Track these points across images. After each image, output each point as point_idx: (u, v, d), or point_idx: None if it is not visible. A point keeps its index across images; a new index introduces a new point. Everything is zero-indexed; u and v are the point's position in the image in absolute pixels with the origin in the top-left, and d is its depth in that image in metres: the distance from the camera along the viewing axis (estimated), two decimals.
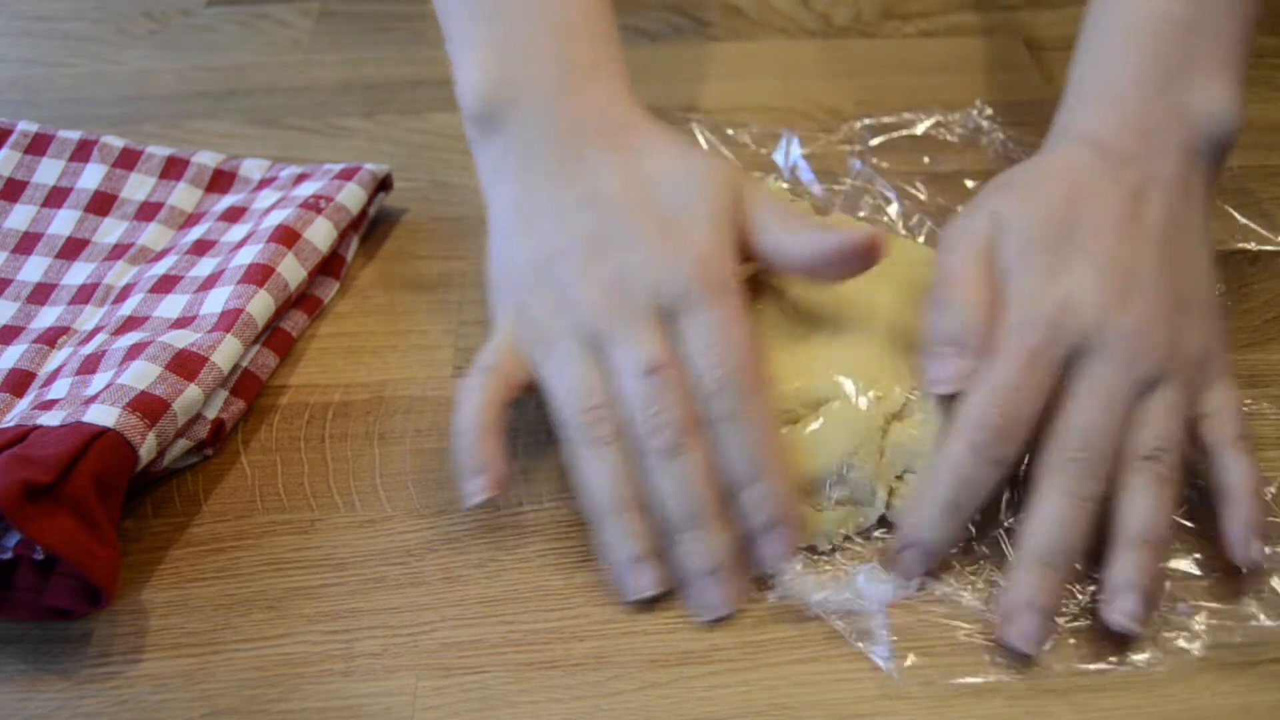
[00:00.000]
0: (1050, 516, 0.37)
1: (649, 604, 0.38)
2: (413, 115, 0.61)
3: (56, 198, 0.51)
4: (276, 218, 0.48)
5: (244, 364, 0.45)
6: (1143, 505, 0.37)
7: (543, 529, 0.41)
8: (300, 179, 0.52)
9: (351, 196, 0.50)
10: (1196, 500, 0.40)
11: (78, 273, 0.49)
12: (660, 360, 0.38)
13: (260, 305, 0.45)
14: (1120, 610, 0.36)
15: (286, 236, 0.47)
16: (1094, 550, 0.38)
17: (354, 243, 0.52)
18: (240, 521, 0.41)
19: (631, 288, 0.39)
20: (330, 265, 0.50)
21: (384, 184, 0.53)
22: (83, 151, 0.52)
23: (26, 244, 0.50)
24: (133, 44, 0.67)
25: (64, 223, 0.50)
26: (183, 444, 0.42)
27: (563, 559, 0.40)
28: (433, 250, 0.53)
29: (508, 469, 0.39)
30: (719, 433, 0.38)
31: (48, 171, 0.52)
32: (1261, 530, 0.38)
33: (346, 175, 0.51)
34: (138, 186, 0.52)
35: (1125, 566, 0.37)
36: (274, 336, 0.47)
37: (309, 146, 0.59)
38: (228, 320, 0.44)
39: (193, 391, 0.41)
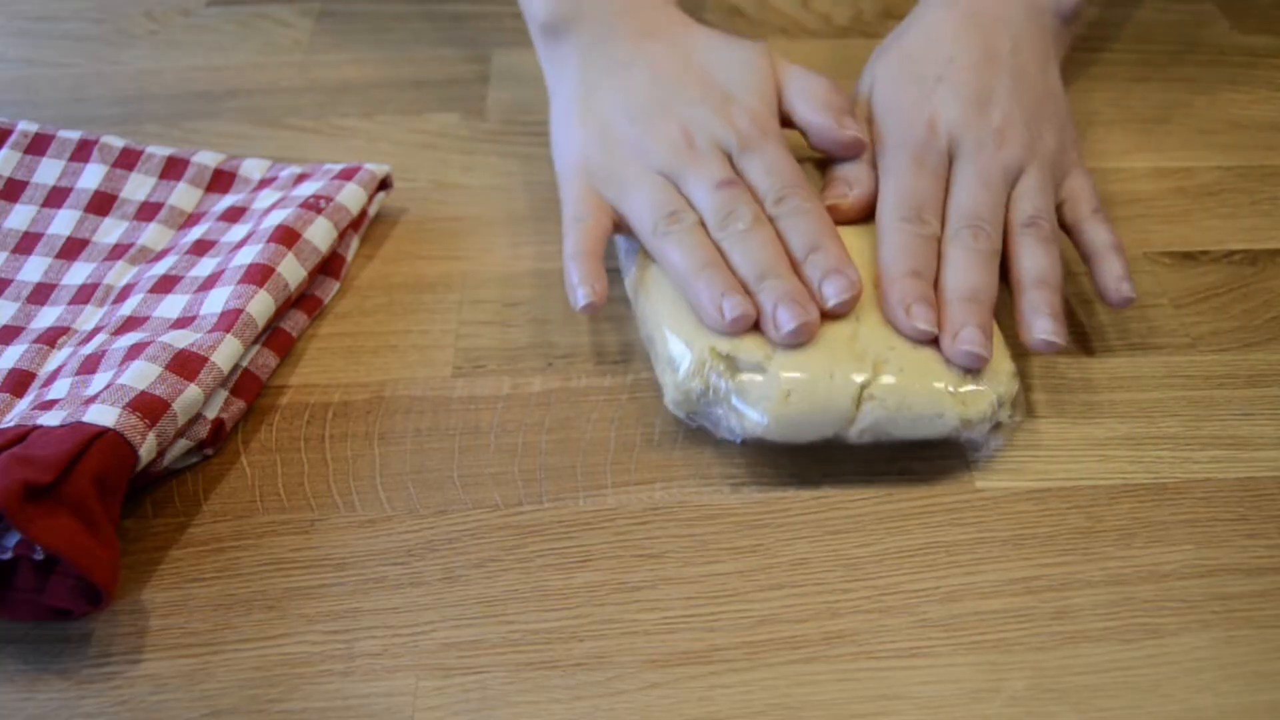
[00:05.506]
0: (960, 266, 0.43)
1: (649, 604, 0.38)
2: (413, 115, 0.61)
3: (56, 198, 0.51)
4: (276, 218, 0.48)
5: (244, 364, 0.45)
6: (1032, 257, 0.44)
7: (543, 529, 0.41)
8: (300, 179, 0.52)
9: (351, 196, 0.50)
10: None
11: (78, 273, 0.49)
12: (730, 178, 0.45)
13: (260, 305, 0.45)
14: (1041, 329, 0.42)
15: (286, 236, 0.47)
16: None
17: (354, 243, 0.52)
18: (240, 521, 0.42)
19: (696, 135, 0.46)
20: (330, 265, 0.50)
21: (384, 184, 0.53)
22: (83, 151, 0.52)
23: (26, 244, 0.50)
24: (133, 44, 0.67)
25: (64, 223, 0.50)
26: (183, 444, 0.42)
27: (563, 559, 0.40)
28: (433, 250, 0.53)
29: (605, 285, 0.44)
30: (782, 224, 0.44)
31: (48, 171, 0.52)
32: (1128, 274, 0.45)
33: (346, 175, 0.51)
34: (138, 186, 0.52)
35: (1034, 299, 0.43)
36: (274, 336, 0.47)
37: (309, 146, 0.59)
38: (228, 320, 0.44)
39: (193, 391, 0.41)
